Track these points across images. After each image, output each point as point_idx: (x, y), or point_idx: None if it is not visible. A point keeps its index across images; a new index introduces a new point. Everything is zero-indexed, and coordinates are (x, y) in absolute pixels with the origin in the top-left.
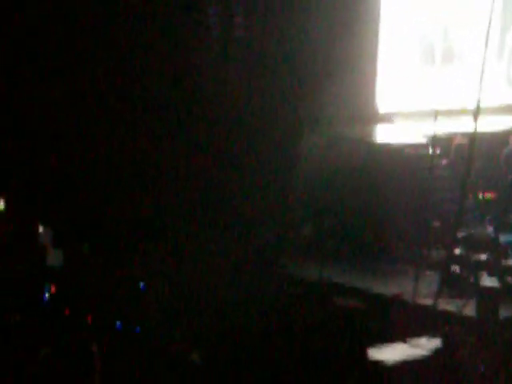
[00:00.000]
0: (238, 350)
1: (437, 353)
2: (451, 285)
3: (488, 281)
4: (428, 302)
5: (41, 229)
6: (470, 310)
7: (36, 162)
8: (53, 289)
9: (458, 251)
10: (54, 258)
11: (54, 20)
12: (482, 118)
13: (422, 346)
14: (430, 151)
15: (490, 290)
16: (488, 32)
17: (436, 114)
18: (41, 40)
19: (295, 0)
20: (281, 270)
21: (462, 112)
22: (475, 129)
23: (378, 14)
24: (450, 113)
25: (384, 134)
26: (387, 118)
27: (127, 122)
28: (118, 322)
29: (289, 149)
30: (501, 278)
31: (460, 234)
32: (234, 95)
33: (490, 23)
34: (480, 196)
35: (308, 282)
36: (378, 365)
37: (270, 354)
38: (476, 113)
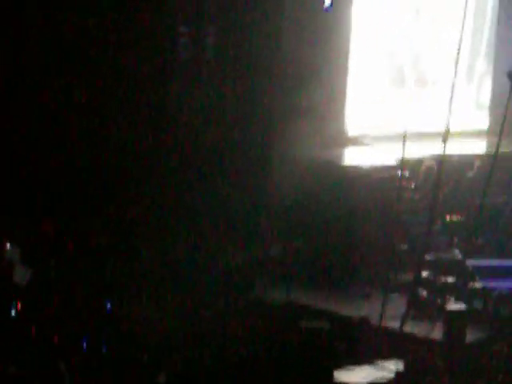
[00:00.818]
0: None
1: (402, 376)
2: (418, 308)
3: (455, 304)
4: (394, 324)
5: (8, 245)
6: (436, 333)
7: (3, 176)
8: (19, 306)
9: (425, 274)
10: (21, 275)
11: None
12: (450, 142)
13: (388, 369)
14: (399, 174)
15: (457, 313)
16: (457, 57)
17: (405, 137)
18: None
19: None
20: (249, 292)
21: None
22: (444, 152)
23: (348, 39)
24: (419, 136)
25: (353, 157)
26: (357, 141)
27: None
28: (84, 342)
29: (259, 169)
30: (468, 302)
31: (427, 257)
32: (205, 116)
33: (459, 48)
34: (448, 219)
35: (274, 304)
36: None
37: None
38: (445, 136)
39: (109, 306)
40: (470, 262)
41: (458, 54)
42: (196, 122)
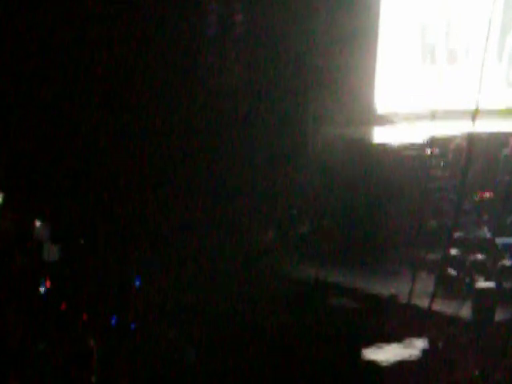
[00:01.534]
0: (232, 349)
1: (431, 353)
2: (447, 286)
3: (484, 283)
4: (423, 302)
5: (38, 224)
6: (465, 311)
7: (35, 159)
8: (48, 284)
9: (454, 252)
10: (51, 253)
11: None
12: (480, 120)
13: (417, 347)
14: (428, 152)
15: (486, 291)
16: (488, 35)
17: (434, 115)
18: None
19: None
20: (278, 269)
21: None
22: (473, 130)
23: (378, 13)
24: (448, 114)
25: (382, 135)
26: (386, 119)
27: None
28: (113, 319)
29: (288, 148)
30: (497, 280)
31: (456, 235)
32: (234, 96)
33: (489, 26)
34: (477, 197)
35: (304, 282)
36: (372, 365)
37: (266, 353)
38: (474, 114)
39: (138, 282)
40: (500, 240)
41: (489, 30)
42: (225, 101)
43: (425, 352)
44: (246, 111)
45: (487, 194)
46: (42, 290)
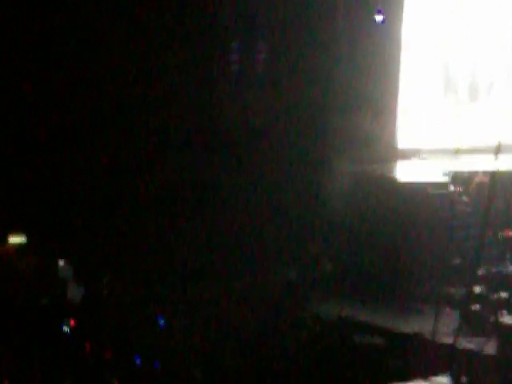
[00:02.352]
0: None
1: None
2: (471, 323)
3: (509, 319)
4: (448, 340)
5: (61, 263)
6: (490, 348)
7: (57, 199)
8: (72, 323)
9: (478, 289)
10: (74, 292)
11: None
12: (503, 156)
13: None
14: (451, 188)
15: (511, 328)
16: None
17: (457, 151)
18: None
19: (318, 39)
20: (303, 306)
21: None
22: (496, 166)
23: (400, 48)
24: (471, 150)
25: (405, 172)
26: (408, 156)
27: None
28: (138, 358)
29: (311, 185)
30: None
31: (480, 272)
32: (255, 130)
33: None
34: (500, 234)
35: (328, 319)
36: None
37: None
38: (497, 150)
39: (162, 322)
40: None
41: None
42: (247, 137)
43: None
44: (269, 151)
45: (510, 231)
46: (66, 329)
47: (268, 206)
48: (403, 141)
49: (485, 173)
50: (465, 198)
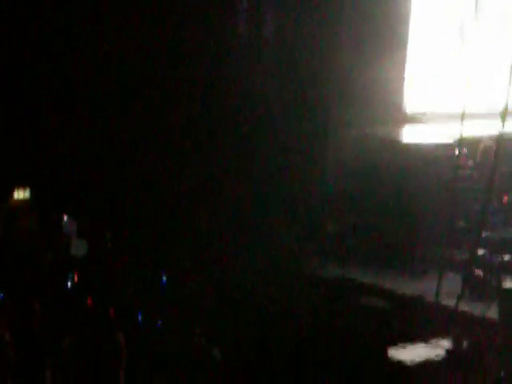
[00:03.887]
0: (257, 349)
1: (455, 354)
2: (474, 286)
3: (511, 283)
4: (450, 302)
5: (65, 218)
6: (492, 312)
7: (61, 153)
8: (76, 278)
9: (481, 252)
10: (78, 247)
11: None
12: (509, 120)
13: (443, 347)
14: (457, 152)
15: None
16: None
17: (463, 115)
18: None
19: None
20: (304, 270)
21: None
22: (503, 131)
23: (409, 12)
24: (478, 115)
25: (411, 135)
26: (415, 119)
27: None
28: (140, 315)
29: (314, 146)
30: None
31: (484, 236)
32: (263, 94)
33: None
34: (505, 199)
35: (331, 282)
36: (399, 364)
37: (291, 353)
38: (503, 114)
39: (164, 278)
40: None
41: None
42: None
43: (449, 352)
44: (275, 112)
45: None
46: (69, 284)
47: (269, 168)
48: (410, 104)
49: (491, 137)
50: (470, 162)
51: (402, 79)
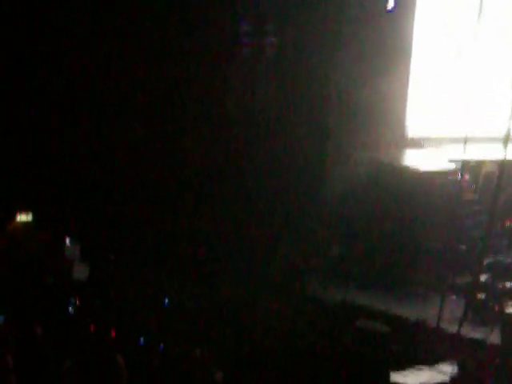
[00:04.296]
0: (260, 369)
1: (458, 379)
2: (476, 311)
3: None
4: (452, 327)
5: (68, 242)
6: (494, 337)
7: (65, 177)
8: (78, 302)
9: (483, 278)
10: (80, 271)
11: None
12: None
13: (445, 372)
14: (459, 177)
15: None
16: None
17: (466, 140)
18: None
19: (327, 22)
20: (308, 291)
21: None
22: (505, 155)
23: (411, 36)
24: (480, 139)
25: (413, 159)
26: (417, 143)
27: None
28: (141, 338)
29: (318, 169)
30: None
31: (486, 261)
32: (262, 114)
33: None
34: (508, 224)
35: (332, 304)
36: None
37: (293, 374)
38: (506, 139)
39: (166, 301)
40: None
41: None
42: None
43: (453, 377)
44: (276, 131)
45: None
46: (70, 308)
47: (276, 190)
48: (412, 129)
49: (493, 162)
50: (473, 187)
51: (404, 104)
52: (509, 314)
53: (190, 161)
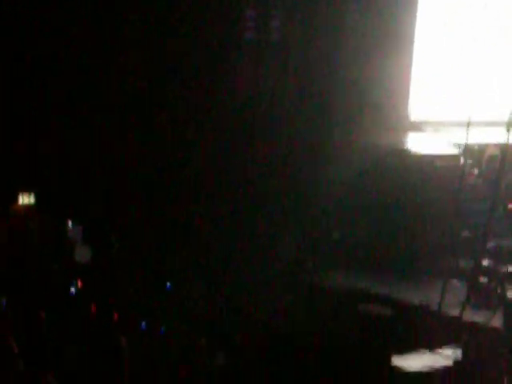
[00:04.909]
0: (262, 355)
1: (461, 363)
2: (478, 295)
3: None
4: (454, 311)
5: (70, 225)
6: (496, 320)
7: (67, 159)
8: (80, 284)
9: (486, 262)
10: (83, 254)
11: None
12: None
13: (447, 356)
14: (462, 162)
15: None
16: None
17: (469, 124)
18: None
19: (333, 4)
20: (310, 278)
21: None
22: (507, 140)
23: (415, 19)
24: (483, 123)
25: (417, 143)
26: (420, 127)
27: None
28: (143, 322)
29: (318, 154)
30: None
31: (489, 245)
32: (266, 99)
33: None
34: (510, 207)
35: (335, 289)
36: (402, 373)
37: (296, 358)
38: (509, 124)
39: (168, 285)
40: None
41: None
42: (258, 105)
43: (456, 361)
44: (276, 118)
45: None
46: (73, 290)
47: (277, 177)
48: (415, 113)
49: (496, 146)
50: (475, 171)
51: (407, 88)
52: (510, 298)
53: (195, 149)
